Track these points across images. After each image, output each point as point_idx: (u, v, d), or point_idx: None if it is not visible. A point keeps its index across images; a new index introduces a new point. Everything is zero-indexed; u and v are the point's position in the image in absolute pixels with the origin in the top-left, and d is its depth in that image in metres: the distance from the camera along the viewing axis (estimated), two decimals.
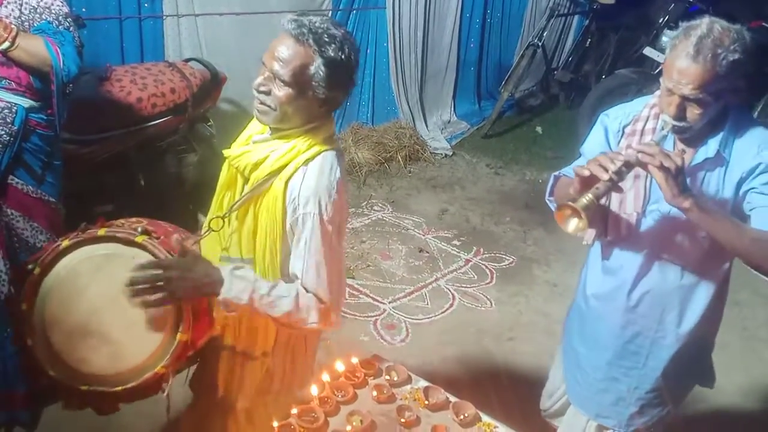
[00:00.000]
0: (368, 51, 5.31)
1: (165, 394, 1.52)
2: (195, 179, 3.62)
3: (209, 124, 3.72)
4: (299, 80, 1.49)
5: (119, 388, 1.48)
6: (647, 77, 5.21)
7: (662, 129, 1.66)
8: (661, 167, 1.48)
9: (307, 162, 1.56)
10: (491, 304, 3.62)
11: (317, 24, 1.49)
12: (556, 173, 1.93)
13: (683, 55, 1.54)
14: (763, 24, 5.64)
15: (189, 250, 1.55)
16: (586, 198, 1.50)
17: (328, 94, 1.53)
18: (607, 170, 1.51)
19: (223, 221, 1.63)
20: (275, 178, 1.56)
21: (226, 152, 1.66)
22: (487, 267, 3.99)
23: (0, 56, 2.10)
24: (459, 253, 4.12)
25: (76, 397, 1.52)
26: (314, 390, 1.70)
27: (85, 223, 1.54)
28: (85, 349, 1.48)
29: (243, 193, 1.62)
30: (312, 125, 1.58)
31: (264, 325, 1.70)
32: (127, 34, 3.83)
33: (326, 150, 1.58)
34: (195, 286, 1.50)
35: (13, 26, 2.08)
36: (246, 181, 1.63)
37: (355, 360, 1.83)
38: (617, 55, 6.74)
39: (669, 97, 1.61)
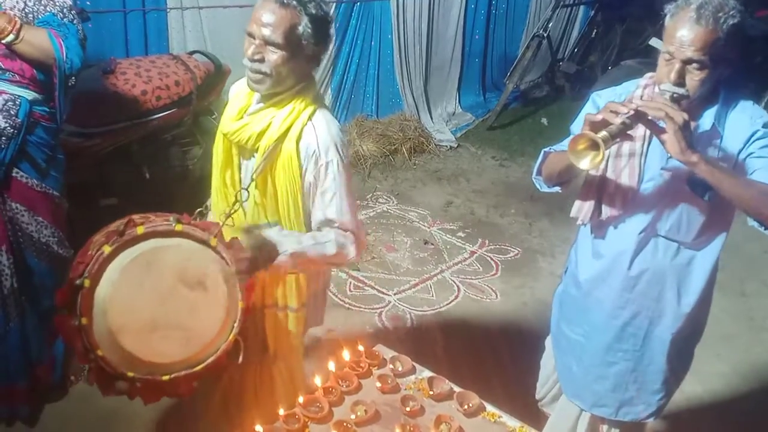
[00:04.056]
0: (372, 43, 5.30)
1: (239, 361, 1.59)
2: (199, 172, 3.62)
3: (213, 116, 3.71)
4: (291, 41, 1.61)
5: (199, 367, 1.52)
6: (654, 68, 5.16)
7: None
8: (668, 117, 1.52)
9: (310, 118, 1.69)
10: (496, 296, 3.62)
11: None
12: (547, 149, 1.94)
13: (686, 19, 1.59)
14: None
15: (236, 241, 1.61)
16: (602, 133, 1.52)
17: (315, 49, 1.67)
18: (618, 114, 1.56)
19: (248, 192, 1.73)
20: (283, 142, 1.68)
21: (223, 129, 1.77)
22: (492, 259, 3.99)
23: (4, 49, 2.10)
24: (464, 245, 4.11)
25: (154, 391, 1.53)
26: (318, 380, 1.71)
27: (120, 223, 1.53)
28: (157, 342, 1.50)
29: (256, 163, 1.71)
30: (302, 85, 1.70)
31: (296, 280, 1.82)
32: (132, 27, 3.84)
33: (320, 107, 1.73)
34: (262, 262, 1.62)
35: (17, 19, 2.07)
36: (246, 153, 1.76)
37: (360, 349, 1.83)
38: (623, 45, 6.70)
39: (669, 63, 1.66)
